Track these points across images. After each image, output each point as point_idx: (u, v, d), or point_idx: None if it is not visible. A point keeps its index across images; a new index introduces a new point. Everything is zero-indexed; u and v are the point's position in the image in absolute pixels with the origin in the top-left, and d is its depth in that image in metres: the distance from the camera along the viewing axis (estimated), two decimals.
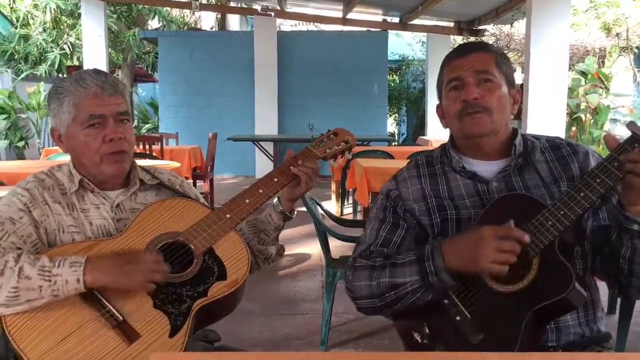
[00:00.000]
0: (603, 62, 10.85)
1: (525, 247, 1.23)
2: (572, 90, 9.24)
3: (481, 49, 1.44)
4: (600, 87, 9.55)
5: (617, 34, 10.83)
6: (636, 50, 10.85)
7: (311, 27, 15.02)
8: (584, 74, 9.78)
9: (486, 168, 1.46)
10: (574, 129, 9.49)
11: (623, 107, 10.30)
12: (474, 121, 1.39)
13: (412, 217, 1.48)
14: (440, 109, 1.53)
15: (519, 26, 10.30)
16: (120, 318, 1.30)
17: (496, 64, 1.42)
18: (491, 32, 11.54)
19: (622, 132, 10.68)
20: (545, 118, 6.10)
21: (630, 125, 1.22)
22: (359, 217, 6.14)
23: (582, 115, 9.39)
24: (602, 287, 1.46)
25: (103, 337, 1.28)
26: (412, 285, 1.32)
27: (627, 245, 1.27)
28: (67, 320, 1.29)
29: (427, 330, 1.33)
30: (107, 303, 1.31)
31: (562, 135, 6.42)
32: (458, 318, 1.29)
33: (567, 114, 8.42)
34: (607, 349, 1.40)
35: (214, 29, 15.56)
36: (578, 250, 1.36)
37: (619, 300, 2.93)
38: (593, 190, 1.23)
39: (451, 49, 1.57)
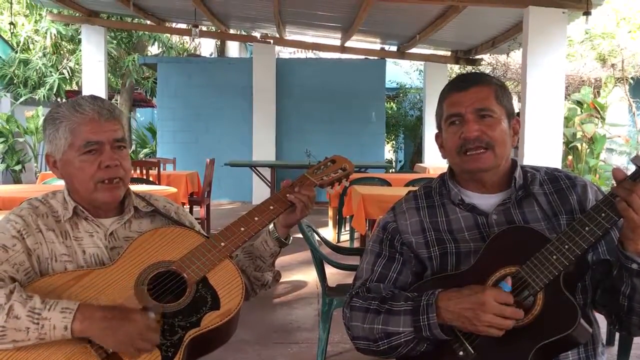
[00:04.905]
0: (599, 92, 10.93)
1: (528, 284, 1.23)
2: (568, 120, 9.28)
3: (480, 82, 1.41)
4: (596, 117, 9.60)
5: (613, 65, 10.94)
6: (631, 81, 10.95)
7: (310, 54, 15.15)
8: (579, 103, 9.84)
9: (485, 201, 1.45)
10: (570, 157, 9.52)
11: (619, 136, 10.36)
12: (475, 158, 1.38)
13: (409, 251, 1.46)
14: (439, 138, 1.51)
15: (516, 56, 10.39)
16: (110, 350, 1.27)
17: (496, 98, 1.40)
18: (488, 61, 11.63)
19: (619, 162, 10.74)
20: (541, 147, 6.12)
21: (636, 159, 1.19)
22: (356, 244, 6.11)
23: (579, 145, 9.43)
24: (601, 318, 1.43)
25: None
26: (406, 336, 1.30)
27: (627, 282, 1.25)
28: (55, 352, 1.26)
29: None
30: None
31: (559, 164, 6.43)
32: (461, 354, 1.26)
33: (564, 143, 8.45)
34: None
35: (213, 56, 15.69)
36: (579, 285, 1.34)
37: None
38: (598, 225, 1.22)
39: (448, 78, 1.56)
